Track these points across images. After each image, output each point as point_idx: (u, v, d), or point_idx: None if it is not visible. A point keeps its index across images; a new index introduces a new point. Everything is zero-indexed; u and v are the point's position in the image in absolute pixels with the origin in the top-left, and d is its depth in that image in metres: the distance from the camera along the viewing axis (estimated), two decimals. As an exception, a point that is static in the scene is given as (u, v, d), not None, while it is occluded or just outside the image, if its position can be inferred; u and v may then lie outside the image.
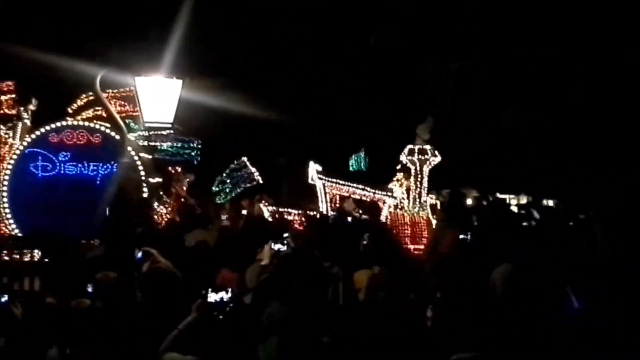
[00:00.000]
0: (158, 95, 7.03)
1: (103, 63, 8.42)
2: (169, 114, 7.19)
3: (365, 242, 7.22)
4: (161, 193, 12.42)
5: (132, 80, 7.11)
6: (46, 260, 9.89)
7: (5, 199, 11.50)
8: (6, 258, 10.13)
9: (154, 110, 7.08)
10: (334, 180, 11.72)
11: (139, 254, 4.42)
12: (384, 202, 11.98)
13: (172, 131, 13.66)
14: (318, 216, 11.49)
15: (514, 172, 19.67)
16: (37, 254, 10.22)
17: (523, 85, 18.90)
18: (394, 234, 10.58)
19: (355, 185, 11.70)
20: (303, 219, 12.40)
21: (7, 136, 11.94)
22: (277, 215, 12.13)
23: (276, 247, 6.00)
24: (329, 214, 11.56)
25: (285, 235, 7.34)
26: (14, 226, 11.46)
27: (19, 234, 11.35)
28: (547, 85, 18.86)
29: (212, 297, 3.63)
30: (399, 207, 12.12)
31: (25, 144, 11.60)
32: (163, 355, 3.65)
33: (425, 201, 12.03)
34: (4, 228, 11.52)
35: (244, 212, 12.32)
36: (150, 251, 4.97)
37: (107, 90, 11.45)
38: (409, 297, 4.96)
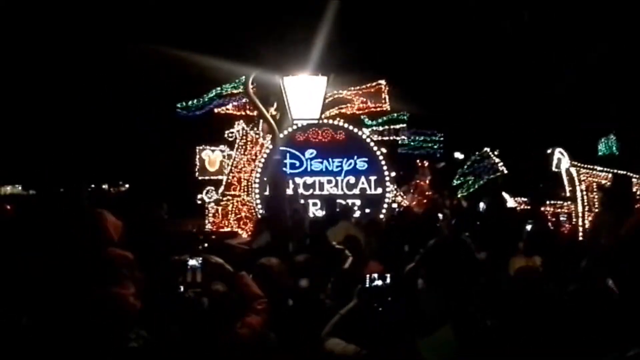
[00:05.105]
0: (305, 93, 7.25)
1: (256, 64, 8.72)
2: (316, 110, 7.41)
3: (528, 230, 7.03)
4: (395, 187, 12.40)
5: (280, 80, 7.30)
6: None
7: (258, 196, 12.25)
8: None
9: (302, 107, 7.31)
10: (591, 167, 10.70)
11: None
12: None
13: (404, 125, 13.72)
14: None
15: None
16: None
17: None
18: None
19: (616, 171, 10.57)
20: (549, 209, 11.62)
21: (257, 136, 12.76)
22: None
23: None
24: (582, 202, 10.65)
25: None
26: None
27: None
28: None
29: (370, 283, 3.59)
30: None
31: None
32: (325, 341, 3.59)
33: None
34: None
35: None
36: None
37: (350, 88, 11.73)
38: (567, 289, 4.51)
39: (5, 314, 3.78)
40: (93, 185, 23.20)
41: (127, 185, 23.98)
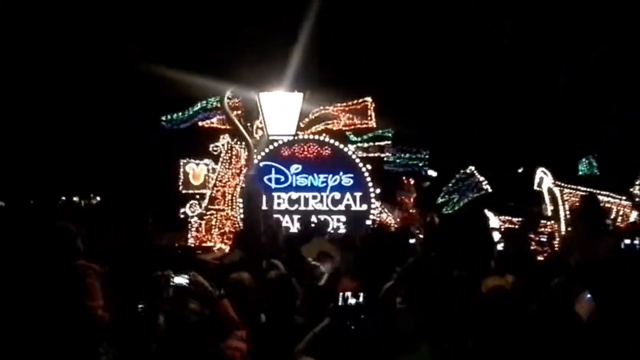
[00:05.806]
0: (280, 109, 7.36)
1: (231, 80, 8.74)
2: (291, 126, 7.52)
3: (500, 249, 7.08)
4: (379, 204, 12.40)
5: (256, 96, 7.36)
6: None
7: (242, 211, 12.15)
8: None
9: (277, 123, 7.40)
10: (574, 187, 10.83)
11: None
12: (631, 209, 10.91)
13: (389, 142, 13.74)
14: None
15: None
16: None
17: None
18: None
19: (600, 192, 10.69)
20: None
21: (242, 150, 12.68)
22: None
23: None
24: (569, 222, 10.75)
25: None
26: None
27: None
28: None
29: (343, 302, 3.59)
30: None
31: (259, 157, 12.19)
32: (299, 358, 3.63)
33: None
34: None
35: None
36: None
37: (336, 105, 11.75)
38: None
39: None
40: (64, 198, 22.78)
41: (98, 198, 23.54)
